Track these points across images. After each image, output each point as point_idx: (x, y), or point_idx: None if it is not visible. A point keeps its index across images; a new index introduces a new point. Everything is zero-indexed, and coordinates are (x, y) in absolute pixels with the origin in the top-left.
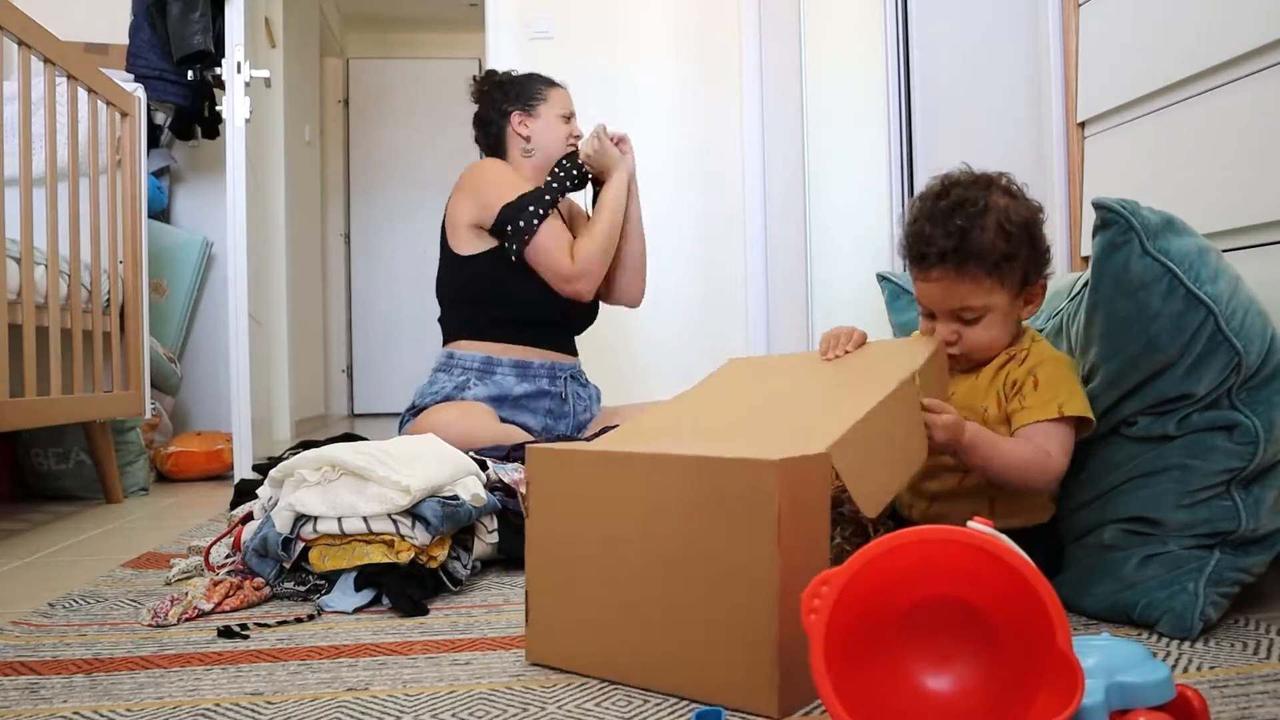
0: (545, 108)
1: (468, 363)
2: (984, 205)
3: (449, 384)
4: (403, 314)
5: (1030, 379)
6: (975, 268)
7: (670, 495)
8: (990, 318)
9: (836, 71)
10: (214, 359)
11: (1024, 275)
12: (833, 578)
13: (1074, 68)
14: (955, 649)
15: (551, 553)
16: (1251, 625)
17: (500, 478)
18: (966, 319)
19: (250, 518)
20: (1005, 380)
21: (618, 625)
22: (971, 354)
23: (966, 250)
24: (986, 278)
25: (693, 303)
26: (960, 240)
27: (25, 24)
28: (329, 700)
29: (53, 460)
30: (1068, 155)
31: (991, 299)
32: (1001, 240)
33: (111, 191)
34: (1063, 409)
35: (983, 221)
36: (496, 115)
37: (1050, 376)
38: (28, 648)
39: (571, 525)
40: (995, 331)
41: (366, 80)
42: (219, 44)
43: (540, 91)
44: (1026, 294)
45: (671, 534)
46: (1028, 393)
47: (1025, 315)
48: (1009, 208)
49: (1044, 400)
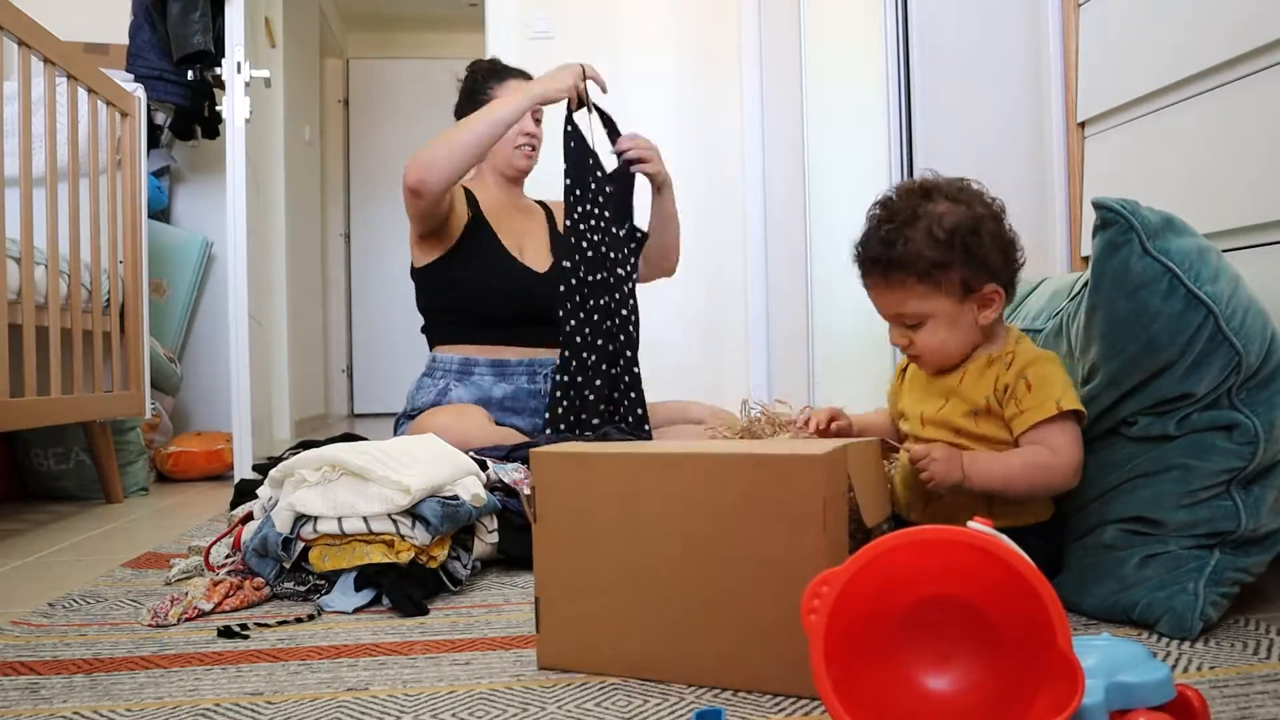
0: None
1: (447, 365)
2: (913, 214)
3: (432, 389)
4: (403, 314)
5: (1022, 382)
6: (901, 274)
7: (704, 493)
8: (933, 323)
9: (836, 71)
10: (214, 359)
11: (964, 281)
12: (833, 578)
13: (1074, 68)
14: (955, 649)
15: (565, 556)
16: (1251, 625)
17: (500, 478)
18: (909, 324)
19: (250, 518)
20: (996, 384)
21: (647, 624)
22: (929, 358)
23: (891, 258)
24: (918, 284)
25: (692, 302)
26: (885, 249)
27: (25, 24)
28: (329, 700)
29: (53, 460)
30: (1068, 155)
31: (928, 305)
32: (928, 248)
33: (111, 191)
34: (1060, 404)
35: (909, 231)
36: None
37: (1041, 377)
38: (28, 648)
39: (587, 528)
40: (943, 335)
41: (366, 80)
42: (219, 44)
43: (485, 93)
44: (977, 299)
45: (706, 531)
46: (1022, 396)
47: (983, 321)
48: (943, 215)
49: (1040, 400)
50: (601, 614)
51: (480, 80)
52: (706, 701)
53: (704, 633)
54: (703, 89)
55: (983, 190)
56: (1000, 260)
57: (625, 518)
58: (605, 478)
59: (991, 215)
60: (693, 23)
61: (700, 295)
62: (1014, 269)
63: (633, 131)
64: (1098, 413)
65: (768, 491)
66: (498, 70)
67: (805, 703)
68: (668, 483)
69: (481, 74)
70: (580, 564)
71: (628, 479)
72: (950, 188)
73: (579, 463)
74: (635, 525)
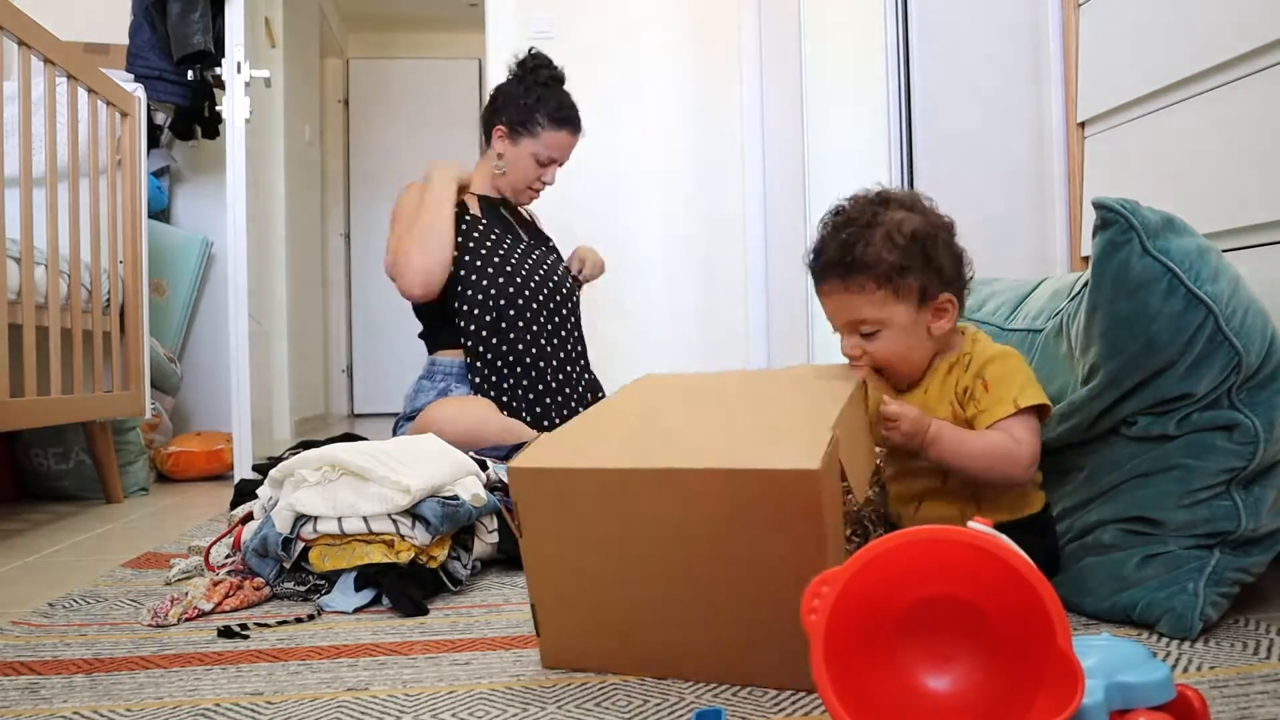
0: (530, 142)
1: (448, 368)
2: (871, 219)
3: (432, 391)
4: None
5: (979, 382)
6: (861, 279)
7: (696, 507)
8: (889, 332)
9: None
10: (214, 359)
11: (922, 289)
12: (833, 578)
13: (1074, 68)
14: (955, 649)
15: (555, 567)
16: (1251, 625)
17: (500, 478)
18: (864, 332)
19: (250, 518)
20: (956, 388)
21: (646, 629)
22: (883, 368)
23: (851, 262)
24: (877, 290)
25: (692, 302)
26: (845, 252)
27: (25, 24)
28: (329, 700)
29: (53, 460)
30: (1068, 155)
31: (885, 312)
32: (888, 252)
33: (111, 191)
34: (1018, 402)
35: (869, 234)
36: (496, 106)
37: (998, 375)
38: (28, 648)
39: (575, 540)
40: (898, 345)
41: (366, 80)
42: (219, 44)
43: (537, 125)
44: (931, 308)
45: (701, 542)
46: (980, 396)
47: (936, 331)
48: (901, 221)
49: (997, 399)
50: (599, 620)
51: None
52: (706, 701)
53: (704, 635)
54: (703, 89)
55: (934, 205)
56: (954, 270)
57: (613, 530)
58: (589, 492)
59: (945, 227)
60: (692, 21)
61: (700, 294)
62: (965, 281)
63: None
64: (1098, 412)
65: (762, 505)
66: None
67: (805, 703)
68: (656, 498)
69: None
70: (571, 573)
71: (613, 493)
72: (906, 198)
73: (560, 478)
74: (625, 537)
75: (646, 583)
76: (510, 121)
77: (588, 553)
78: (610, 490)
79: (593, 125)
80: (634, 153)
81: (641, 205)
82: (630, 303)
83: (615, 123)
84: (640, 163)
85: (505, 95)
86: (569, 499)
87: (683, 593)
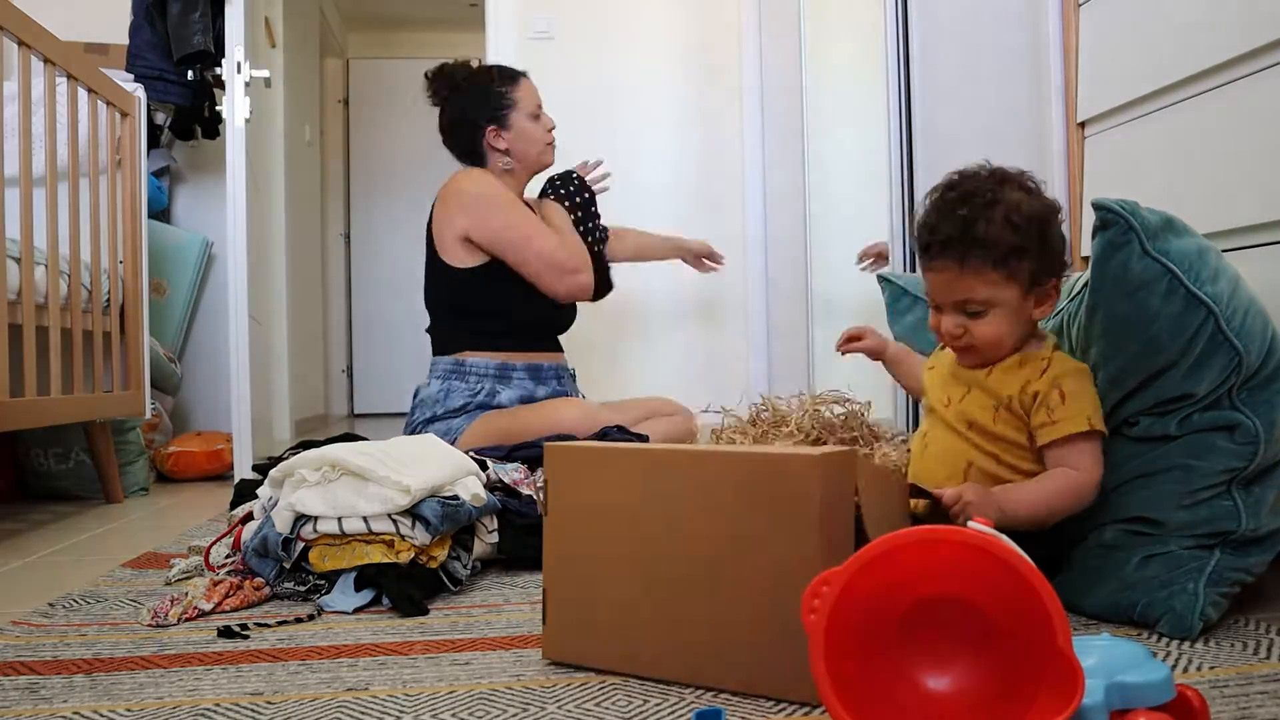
0: (515, 114)
1: (482, 369)
2: (992, 197)
3: (466, 392)
4: (403, 314)
5: (1055, 391)
6: (979, 258)
7: (706, 491)
8: (996, 313)
9: (837, 71)
10: (214, 359)
11: (1033, 273)
12: (833, 577)
13: (1074, 68)
14: (955, 649)
15: (572, 550)
16: (1251, 625)
17: (500, 478)
18: (971, 311)
19: (250, 518)
20: (1025, 386)
21: (647, 621)
22: (979, 349)
23: (970, 239)
24: (992, 270)
25: (692, 302)
26: (965, 229)
27: (25, 24)
28: (329, 700)
29: (53, 460)
30: (1068, 155)
31: (997, 293)
32: (1008, 233)
33: (111, 191)
34: (1092, 421)
35: (989, 213)
36: (466, 126)
37: (1076, 390)
38: (28, 648)
39: (596, 523)
40: (1002, 328)
41: (366, 80)
42: (219, 44)
43: (505, 96)
44: (1038, 293)
45: (707, 529)
46: (1055, 406)
47: (1037, 317)
48: (1020, 202)
49: (1072, 414)
50: (606, 607)
51: (492, 91)
52: (706, 701)
53: (706, 630)
54: (703, 89)
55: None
56: (1062, 257)
57: (633, 514)
58: (616, 474)
59: (1056, 211)
60: (693, 22)
61: (699, 294)
62: (1066, 269)
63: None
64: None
65: (766, 490)
66: (509, 73)
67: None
68: (676, 480)
69: (483, 86)
70: (587, 558)
71: (638, 475)
72: (1021, 178)
73: (592, 458)
74: (642, 521)
75: (655, 570)
76: (490, 117)
77: (605, 536)
78: (634, 473)
79: (593, 125)
80: (634, 153)
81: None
82: (630, 303)
83: (615, 123)
84: (640, 160)
85: (464, 111)
86: (596, 479)
87: (688, 585)
